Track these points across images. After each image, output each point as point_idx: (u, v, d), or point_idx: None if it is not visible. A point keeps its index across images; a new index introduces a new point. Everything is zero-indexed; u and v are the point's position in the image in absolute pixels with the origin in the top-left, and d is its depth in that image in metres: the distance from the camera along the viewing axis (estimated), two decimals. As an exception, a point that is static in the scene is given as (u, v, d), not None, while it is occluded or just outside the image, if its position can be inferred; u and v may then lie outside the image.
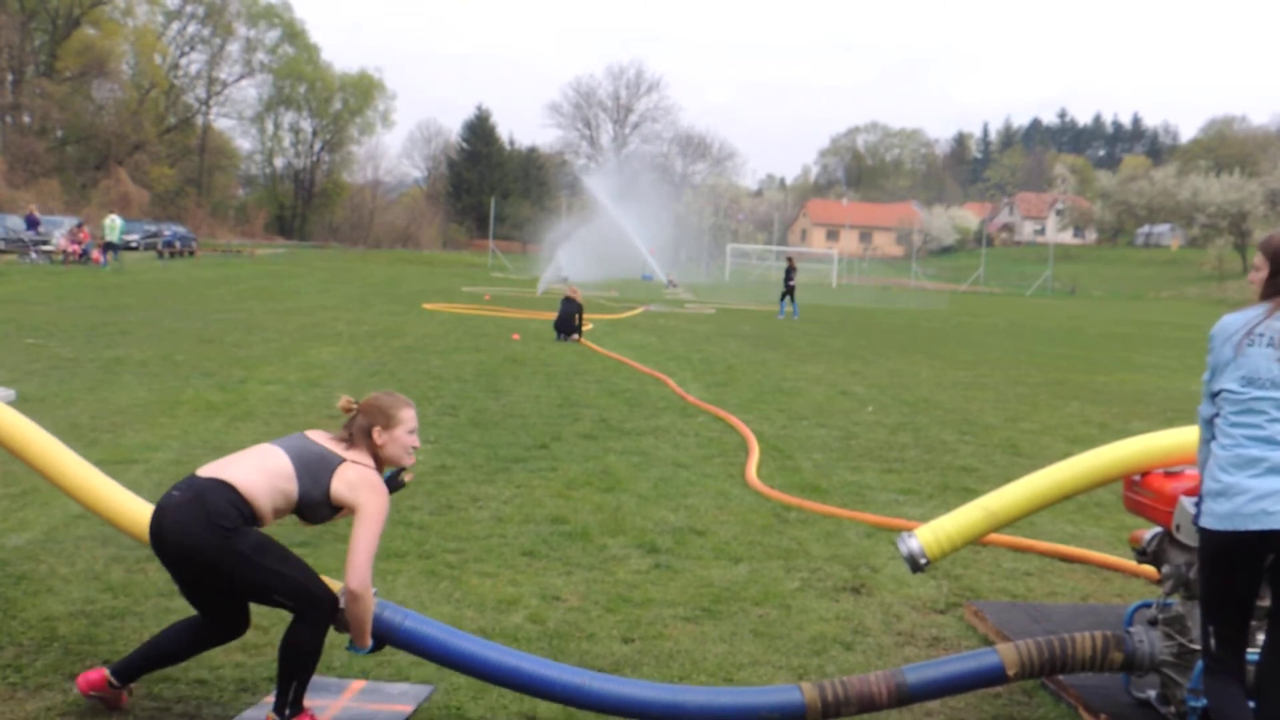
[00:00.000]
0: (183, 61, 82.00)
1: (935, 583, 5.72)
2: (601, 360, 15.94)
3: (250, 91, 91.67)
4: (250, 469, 3.56)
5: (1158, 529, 4.11)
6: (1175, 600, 3.99)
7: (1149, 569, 4.31)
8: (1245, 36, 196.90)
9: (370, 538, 3.53)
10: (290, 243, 78.38)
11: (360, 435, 3.74)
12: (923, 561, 4.23)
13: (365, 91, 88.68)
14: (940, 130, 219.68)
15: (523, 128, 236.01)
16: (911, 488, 8.07)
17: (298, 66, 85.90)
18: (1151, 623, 3.99)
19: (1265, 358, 3.29)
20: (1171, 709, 3.91)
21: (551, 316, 19.66)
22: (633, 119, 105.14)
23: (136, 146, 70.35)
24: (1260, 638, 3.45)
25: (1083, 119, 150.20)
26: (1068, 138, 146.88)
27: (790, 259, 32.52)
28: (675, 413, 11.14)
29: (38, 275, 29.59)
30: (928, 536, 4.25)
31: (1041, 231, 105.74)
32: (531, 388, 12.45)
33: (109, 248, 35.91)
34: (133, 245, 44.49)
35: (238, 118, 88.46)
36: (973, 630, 5.09)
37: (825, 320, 29.48)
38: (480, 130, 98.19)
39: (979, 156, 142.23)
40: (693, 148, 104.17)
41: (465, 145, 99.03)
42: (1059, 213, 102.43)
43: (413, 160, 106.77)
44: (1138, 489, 4.19)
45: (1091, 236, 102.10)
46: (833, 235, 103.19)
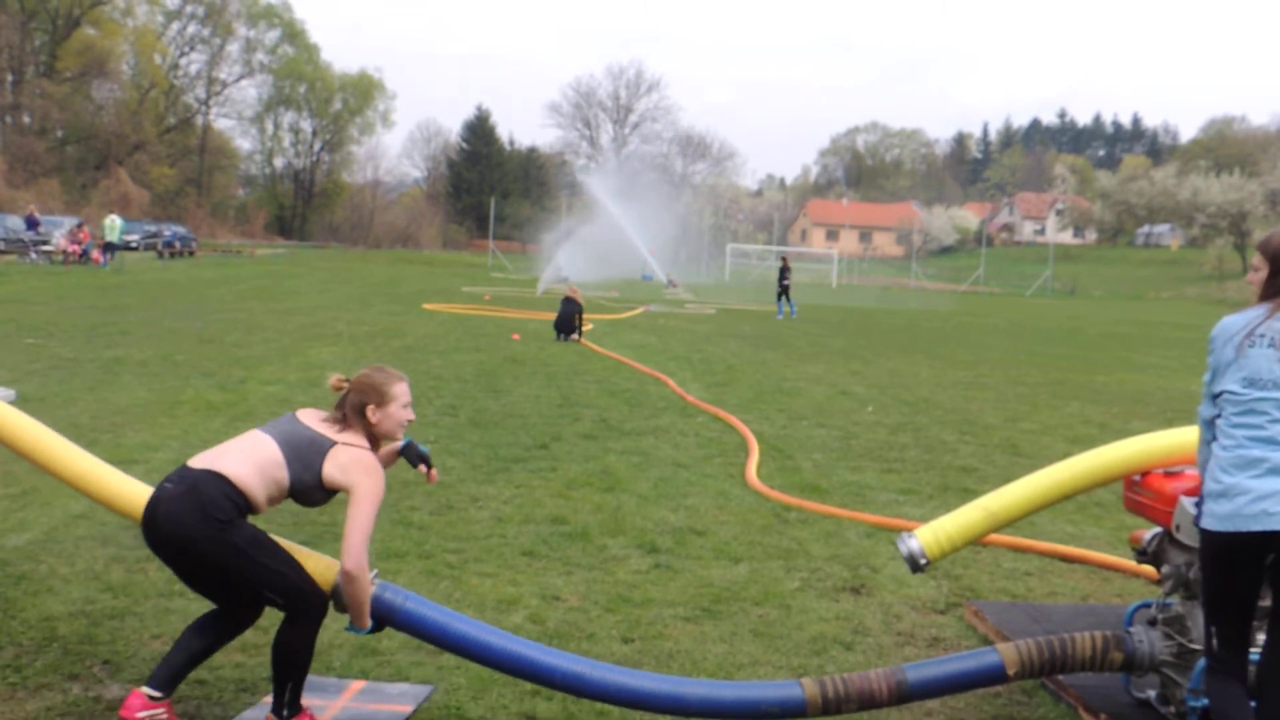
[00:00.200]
0: (183, 61, 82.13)
1: (935, 583, 5.72)
2: (601, 360, 15.94)
3: (250, 91, 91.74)
4: (242, 459, 3.53)
5: (1158, 529, 4.11)
6: (1175, 600, 3.99)
7: (1149, 569, 4.31)
8: (1245, 36, 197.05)
9: (365, 519, 3.51)
10: (290, 243, 78.39)
11: (354, 414, 3.68)
12: (923, 562, 4.22)
13: (365, 91, 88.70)
14: (940, 130, 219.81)
15: (523, 128, 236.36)
16: (911, 488, 8.07)
17: (298, 66, 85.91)
18: (1151, 623, 3.99)
19: (1267, 359, 3.29)
20: (1171, 709, 3.91)
21: (551, 316, 19.67)
22: (633, 119, 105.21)
23: (136, 146, 70.35)
24: (1260, 638, 3.45)
25: (1083, 119, 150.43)
26: (1068, 138, 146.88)
27: (784, 258, 32.53)
28: (675, 413, 11.14)
29: (38, 275, 29.59)
30: (928, 536, 4.25)
31: (1041, 231, 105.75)
32: (531, 388, 12.45)
33: (109, 248, 35.92)
34: (133, 245, 44.51)
35: (238, 118, 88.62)
36: (973, 630, 5.09)
37: (825, 320, 29.48)
38: (480, 130, 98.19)
39: (979, 156, 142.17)
40: (693, 148, 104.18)
41: (465, 145, 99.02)
42: (1059, 213, 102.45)
43: (413, 160, 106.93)
44: (1138, 489, 4.19)
45: (1091, 236, 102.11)
46: (833, 235, 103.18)
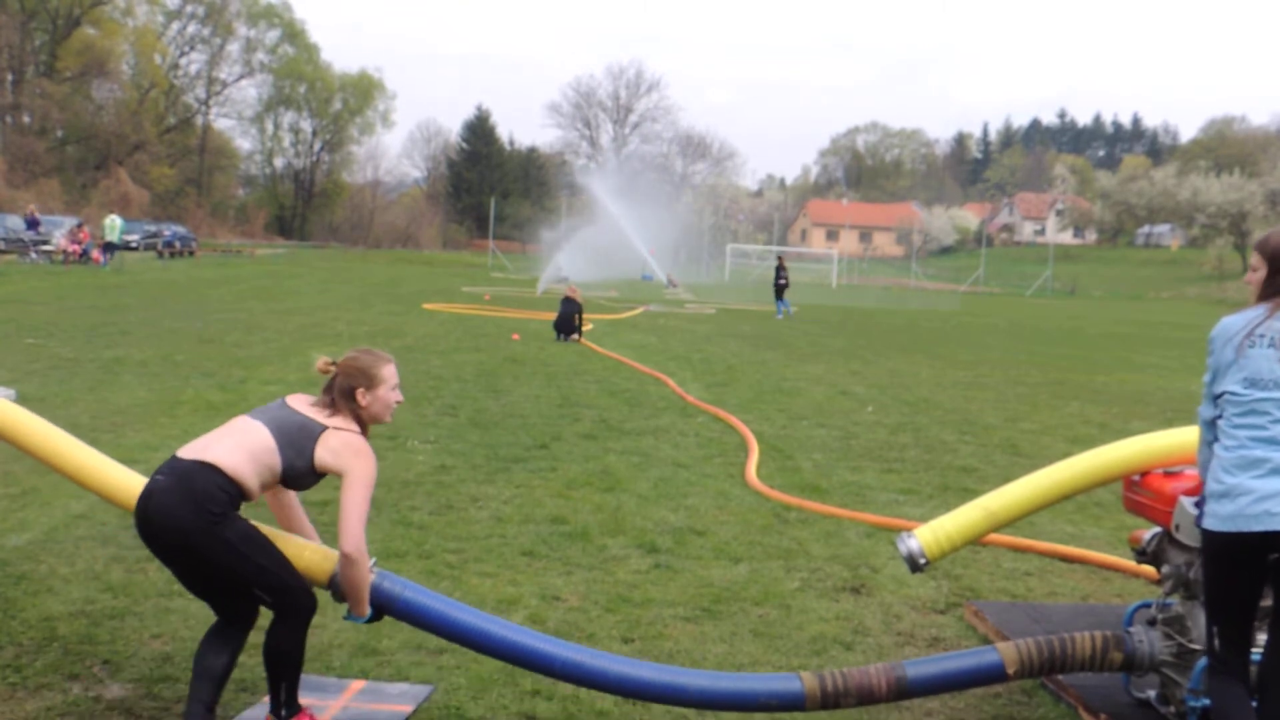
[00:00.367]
0: (183, 61, 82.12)
1: (935, 583, 5.72)
2: (601, 360, 15.94)
3: (250, 91, 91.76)
4: (233, 447, 3.50)
5: (1157, 529, 4.11)
6: (1175, 600, 3.99)
7: (1149, 569, 4.31)
8: (1245, 36, 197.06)
9: (361, 501, 3.50)
10: (290, 243, 78.38)
11: (342, 398, 3.65)
12: (922, 561, 4.22)
13: (365, 91, 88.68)
14: (940, 130, 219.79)
15: (523, 128, 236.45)
16: (911, 488, 8.07)
17: (298, 66, 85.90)
18: (1151, 623, 3.99)
19: (1267, 359, 3.29)
20: (1171, 709, 3.91)
21: (551, 316, 19.67)
22: (633, 119, 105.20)
23: (136, 146, 70.34)
24: (1261, 638, 3.45)
25: (1083, 119, 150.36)
26: (1068, 138, 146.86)
27: (780, 258, 32.51)
28: (675, 413, 11.14)
29: (38, 275, 29.59)
30: (927, 536, 4.25)
31: (1041, 232, 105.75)
32: (531, 388, 12.45)
33: (109, 248, 35.91)
34: (133, 245, 44.50)
35: (238, 118, 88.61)
36: (973, 630, 5.09)
37: (825, 320, 29.49)
38: (480, 130, 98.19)
39: (979, 156, 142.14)
40: (693, 148, 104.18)
41: (465, 145, 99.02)
42: (1059, 213, 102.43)
43: (413, 160, 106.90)
44: (1137, 489, 4.19)
45: (1091, 237, 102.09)
46: (833, 235, 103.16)
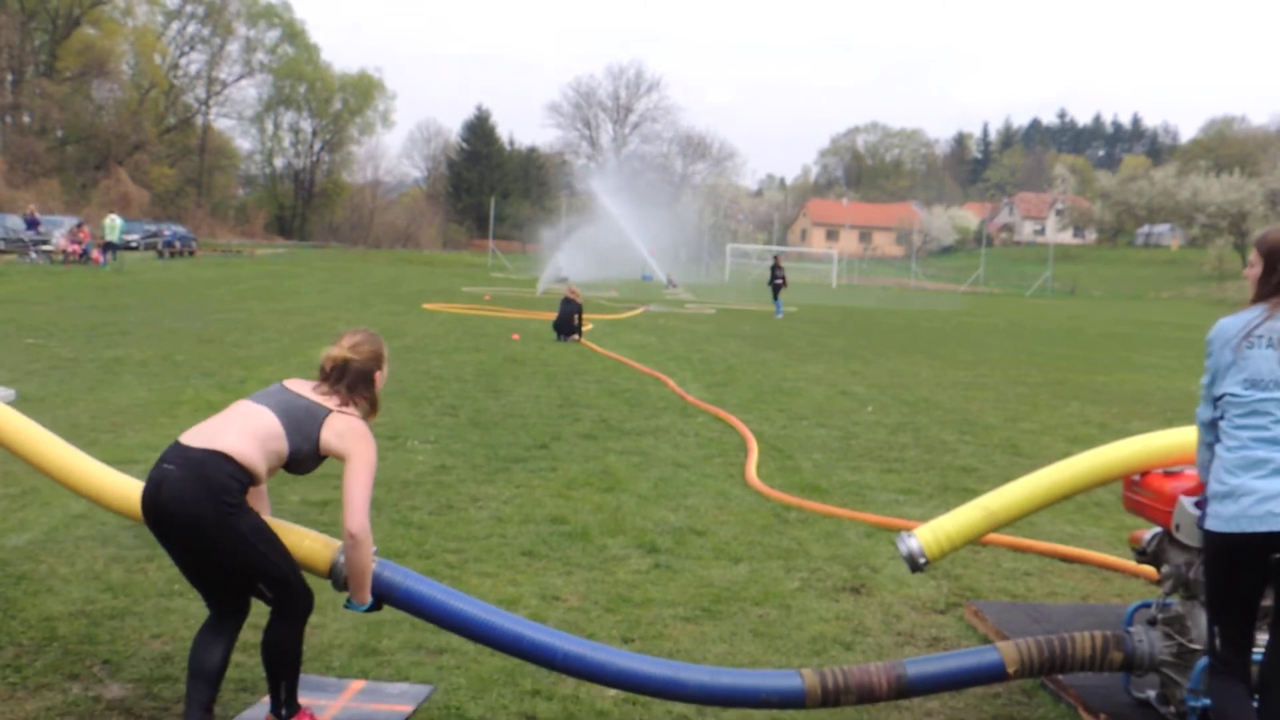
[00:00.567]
0: (183, 61, 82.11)
1: (935, 583, 5.72)
2: (601, 360, 15.94)
3: (250, 91, 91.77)
4: (241, 434, 3.48)
5: (1157, 529, 4.11)
6: (1175, 600, 3.99)
7: (1149, 569, 4.31)
8: (1245, 36, 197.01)
9: (365, 483, 3.51)
10: (290, 243, 78.37)
11: (360, 383, 3.69)
12: (922, 561, 4.22)
13: (365, 91, 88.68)
14: (940, 130, 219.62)
15: (523, 128, 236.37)
16: (911, 488, 8.07)
17: (298, 66, 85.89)
18: (1151, 623, 3.99)
19: (1267, 359, 3.29)
20: (1171, 709, 3.91)
21: (551, 316, 19.67)
22: (633, 119, 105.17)
23: (136, 146, 70.33)
24: (1262, 638, 3.45)
25: (1083, 119, 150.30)
26: (1067, 138, 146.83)
27: (776, 258, 32.49)
28: (675, 413, 11.14)
29: (38, 275, 29.59)
30: (927, 536, 4.25)
31: (1041, 231, 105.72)
32: (531, 388, 12.45)
33: (109, 248, 35.91)
34: (133, 245, 44.49)
35: (238, 118, 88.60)
36: (973, 630, 5.09)
37: (825, 320, 29.48)
38: (480, 130, 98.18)
39: (979, 156, 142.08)
40: (693, 148, 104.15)
41: (465, 145, 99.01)
42: (1059, 213, 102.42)
43: (413, 160, 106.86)
44: (1137, 489, 4.19)
45: (1091, 236, 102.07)
46: (832, 235, 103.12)
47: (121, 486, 4.06)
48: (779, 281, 30.43)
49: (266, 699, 3.73)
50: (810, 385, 14.04)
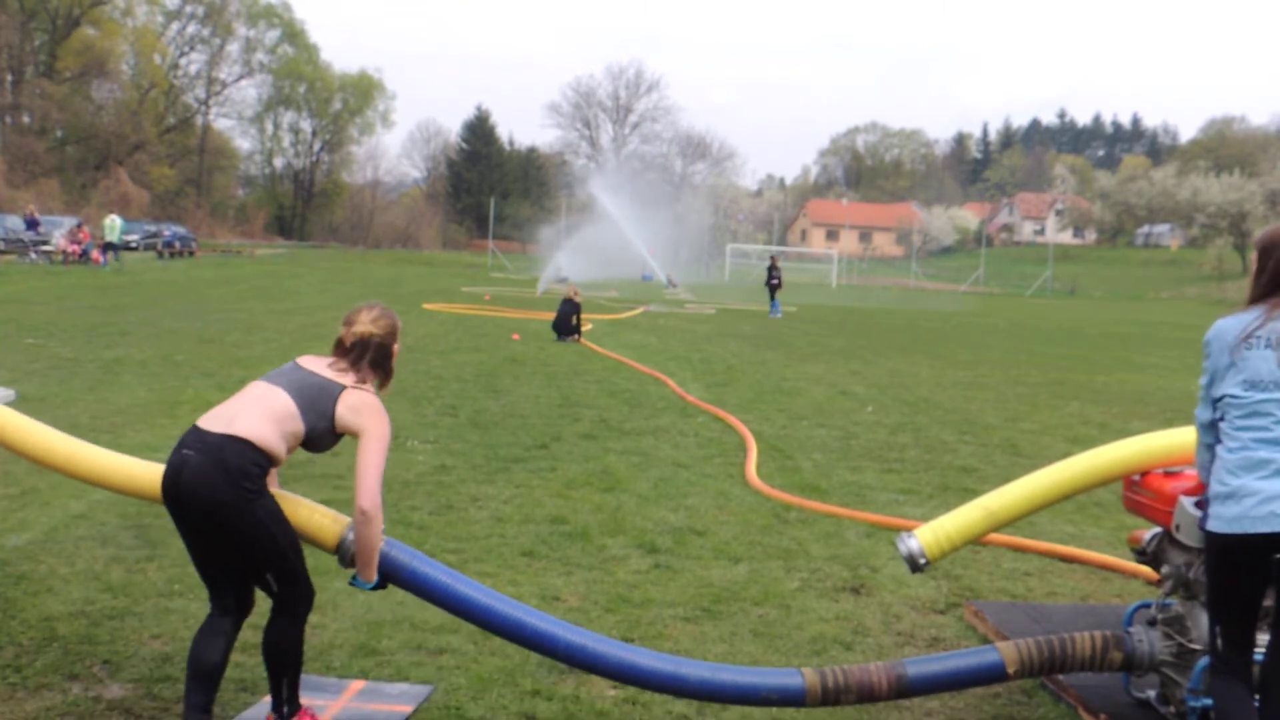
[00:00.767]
0: (182, 61, 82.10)
1: (935, 583, 5.72)
2: (601, 360, 15.94)
3: (250, 91, 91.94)
4: (258, 417, 3.48)
5: (1157, 529, 4.11)
6: (1174, 600, 3.99)
7: (1148, 569, 4.31)
8: (1245, 37, 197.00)
9: (379, 459, 3.52)
10: (290, 243, 78.38)
11: (381, 356, 3.72)
12: (922, 561, 4.22)
13: (365, 91, 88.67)
14: (940, 130, 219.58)
15: (523, 128, 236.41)
16: (911, 488, 8.07)
17: (297, 66, 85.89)
18: (1151, 623, 3.99)
19: (1266, 360, 3.29)
20: (1171, 709, 3.91)
21: (551, 317, 19.67)
22: (632, 119, 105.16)
23: (136, 146, 70.32)
24: (1263, 638, 3.45)
25: (1082, 119, 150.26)
26: (1067, 138, 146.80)
27: (773, 258, 32.51)
28: (675, 413, 11.14)
29: (38, 275, 29.59)
30: (927, 536, 4.25)
31: (1041, 232, 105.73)
32: (531, 388, 12.45)
33: (109, 248, 35.90)
34: (132, 245, 44.46)
35: (237, 118, 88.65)
36: (973, 630, 5.09)
37: (825, 320, 29.49)
38: (480, 130, 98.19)
39: (979, 156, 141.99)
40: (693, 148, 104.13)
41: (465, 145, 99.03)
42: (1059, 213, 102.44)
43: (412, 160, 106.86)
44: (1137, 489, 4.19)
45: (1091, 237, 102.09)
46: (832, 235, 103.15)
47: (126, 468, 4.05)
48: (775, 282, 30.48)
49: (267, 699, 3.73)
50: (810, 385, 14.04)
